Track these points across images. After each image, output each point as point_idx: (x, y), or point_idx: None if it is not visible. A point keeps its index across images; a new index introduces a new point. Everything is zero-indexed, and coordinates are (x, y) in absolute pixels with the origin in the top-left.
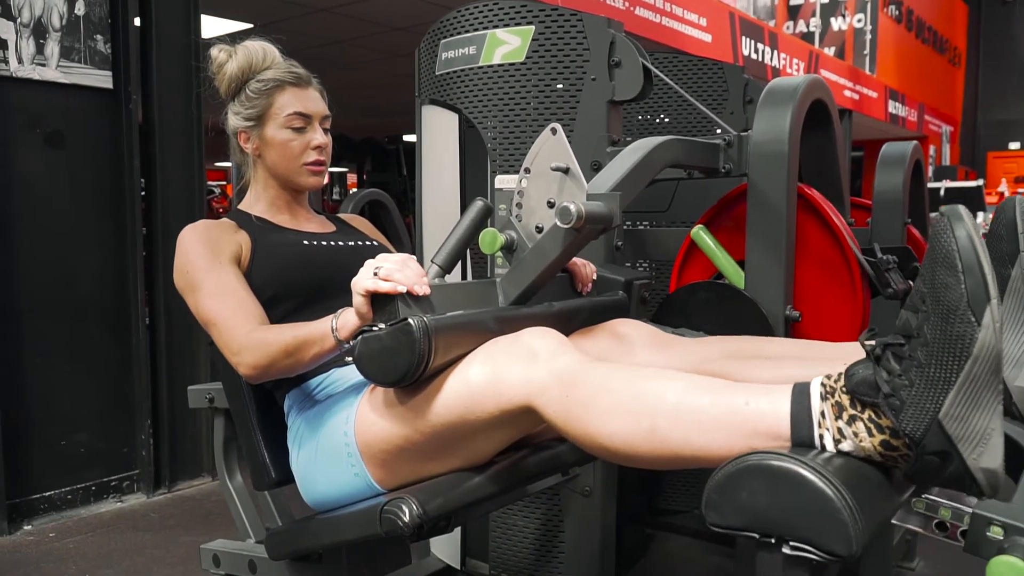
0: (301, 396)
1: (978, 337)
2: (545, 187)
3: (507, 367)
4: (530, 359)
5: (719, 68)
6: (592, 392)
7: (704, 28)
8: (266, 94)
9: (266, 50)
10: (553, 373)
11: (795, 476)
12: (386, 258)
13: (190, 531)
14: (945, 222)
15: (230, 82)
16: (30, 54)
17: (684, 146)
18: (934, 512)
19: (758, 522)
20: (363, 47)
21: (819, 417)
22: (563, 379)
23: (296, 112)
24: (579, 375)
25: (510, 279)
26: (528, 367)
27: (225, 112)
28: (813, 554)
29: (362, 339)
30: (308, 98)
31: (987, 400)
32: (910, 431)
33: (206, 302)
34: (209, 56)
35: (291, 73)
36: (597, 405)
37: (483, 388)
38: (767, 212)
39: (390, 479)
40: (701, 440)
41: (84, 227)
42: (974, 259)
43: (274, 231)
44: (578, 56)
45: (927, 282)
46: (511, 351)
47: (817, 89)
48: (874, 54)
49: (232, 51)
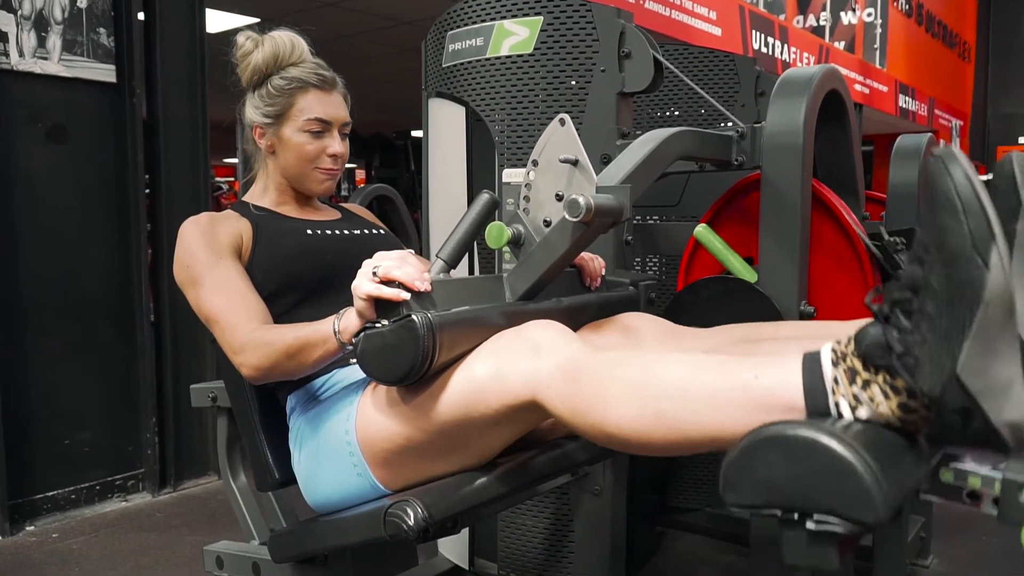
0: (304, 397)
1: (987, 280)
2: (553, 180)
3: (511, 361)
4: (534, 352)
5: (730, 60)
6: (596, 381)
7: (714, 22)
8: (288, 93)
9: (295, 43)
10: (557, 365)
11: (812, 444)
12: (384, 256)
13: (196, 531)
14: (940, 164)
15: (253, 73)
16: (31, 47)
17: (696, 138)
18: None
19: (779, 497)
20: (371, 42)
21: (832, 384)
22: (567, 371)
23: (316, 117)
24: (583, 366)
25: (517, 274)
26: (532, 360)
27: (243, 102)
28: (838, 525)
29: (365, 336)
30: (331, 103)
31: (1004, 348)
32: (927, 389)
33: (207, 298)
34: (235, 42)
35: (317, 75)
36: (602, 394)
37: (487, 383)
38: (781, 205)
39: (394, 479)
40: (712, 420)
41: (87, 224)
42: (973, 198)
43: (276, 220)
44: (587, 47)
45: (928, 229)
46: (514, 345)
47: (832, 79)
48: (884, 48)
49: (259, 40)
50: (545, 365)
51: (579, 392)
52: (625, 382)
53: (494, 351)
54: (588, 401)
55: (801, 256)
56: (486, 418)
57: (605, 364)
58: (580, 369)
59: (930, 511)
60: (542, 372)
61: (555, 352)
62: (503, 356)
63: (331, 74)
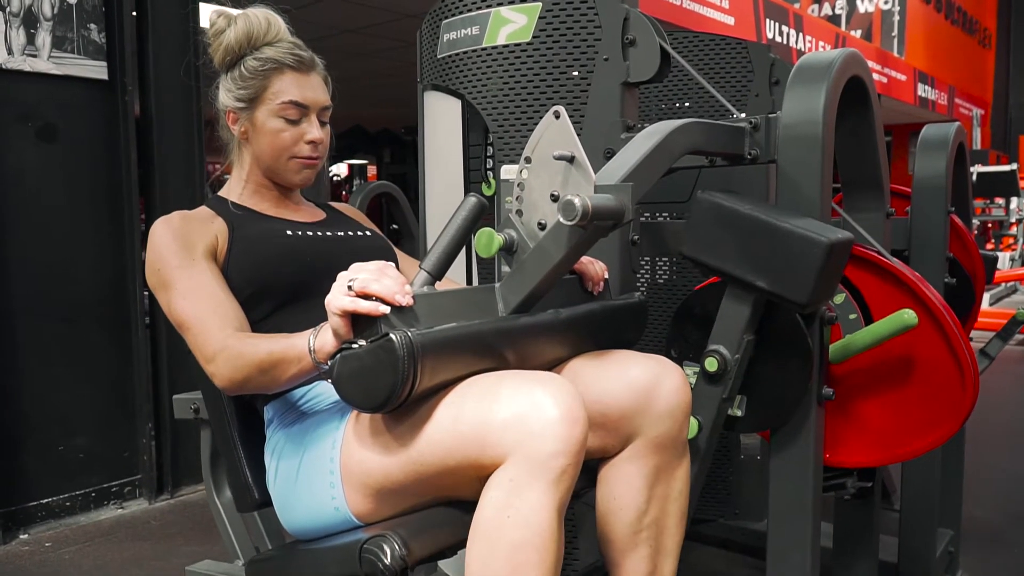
0: (283, 408)
1: None
2: (548, 179)
3: (500, 419)
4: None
5: (743, 47)
6: (519, 545)
7: (726, 11)
8: (262, 75)
9: (271, 21)
10: (530, 472)
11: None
12: (361, 267)
13: (190, 540)
14: None
15: (226, 53)
16: (20, 44)
17: (704, 130)
18: None
19: None
20: (377, 35)
21: None
22: (521, 495)
23: (292, 100)
24: (533, 519)
25: (509, 285)
26: (519, 434)
27: (216, 84)
28: None
29: (341, 357)
30: (308, 85)
31: None
32: None
33: (179, 303)
34: (209, 21)
35: (293, 55)
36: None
37: (469, 432)
38: (799, 202)
39: (370, 515)
40: None
41: (80, 224)
42: None
43: (254, 220)
44: (589, 35)
45: None
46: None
47: (854, 64)
48: (902, 36)
49: (232, 18)
50: (521, 455)
51: (495, 529)
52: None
53: (488, 394)
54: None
55: None
56: (465, 466)
57: (547, 536)
58: (526, 518)
59: (959, 524)
60: (515, 459)
61: (538, 448)
62: (496, 405)
63: (309, 54)
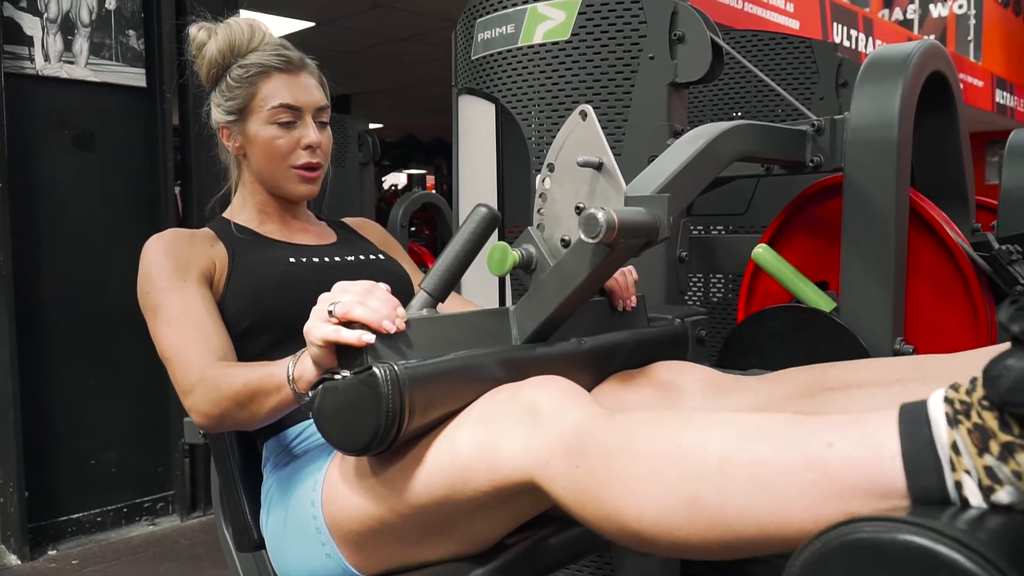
0: (278, 448)
1: None
2: (573, 188)
3: (503, 432)
4: (531, 419)
5: (807, 46)
6: (609, 457)
7: (791, 14)
8: (248, 82)
9: (253, 27)
10: (559, 437)
11: (924, 555)
12: (345, 288)
13: (216, 563)
14: None
15: (210, 66)
16: (57, 51)
17: (758, 133)
18: None
19: None
20: (426, 43)
21: (950, 453)
22: (572, 444)
23: (282, 104)
24: (592, 437)
25: (525, 308)
26: (528, 430)
27: (208, 103)
28: None
29: (322, 389)
30: (299, 86)
31: None
32: None
33: (163, 331)
34: (188, 36)
35: (279, 56)
36: (617, 474)
37: (473, 459)
38: (869, 215)
39: (368, 565)
40: (767, 508)
41: (116, 233)
42: None
43: (257, 245)
44: (633, 31)
45: None
46: (508, 409)
47: (935, 58)
48: (979, 40)
49: (213, 30)
50: (545, 438)
51: (586, 473)
52: (647, 458)
53: (483, 416)
54: (599, 484)
55: (897, 279)
56: (474, 501)
57: (621, 434)
58: (588, 442)
59: None
60: (541, 447)
61: (558, 420)
62: (494, 424)
63: (297, 54)
